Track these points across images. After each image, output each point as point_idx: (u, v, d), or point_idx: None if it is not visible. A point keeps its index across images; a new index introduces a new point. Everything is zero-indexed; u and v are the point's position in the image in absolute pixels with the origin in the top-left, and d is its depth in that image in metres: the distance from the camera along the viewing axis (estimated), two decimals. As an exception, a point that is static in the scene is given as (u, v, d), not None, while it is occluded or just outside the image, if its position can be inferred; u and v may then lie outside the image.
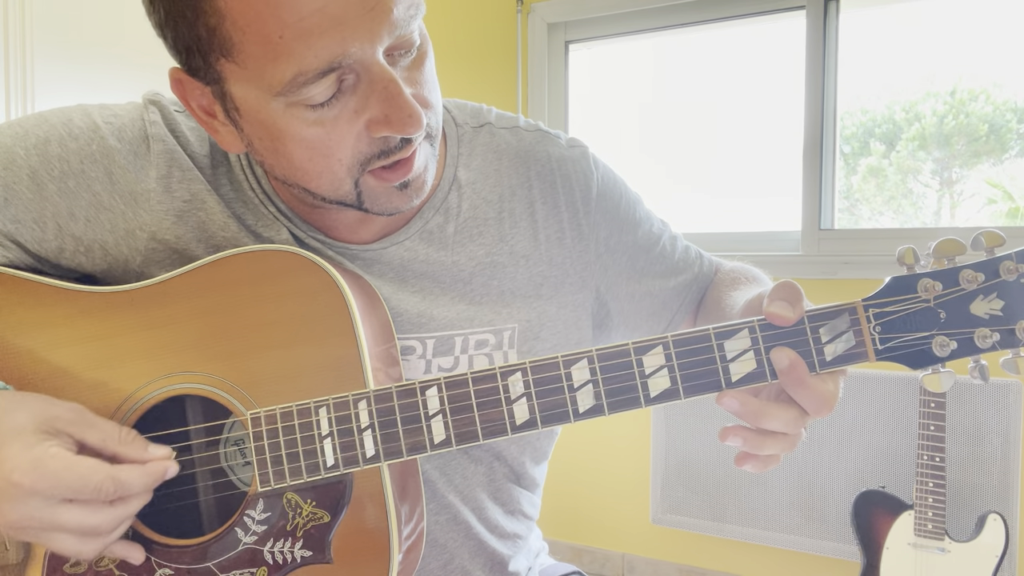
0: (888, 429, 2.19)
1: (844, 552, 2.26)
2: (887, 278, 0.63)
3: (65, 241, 0.73)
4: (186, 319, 0.68)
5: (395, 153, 0.65)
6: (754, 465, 0.64)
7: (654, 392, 0.62)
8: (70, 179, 0.72)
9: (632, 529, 2.65)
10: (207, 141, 0.76)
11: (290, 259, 0.68)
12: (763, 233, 2.53)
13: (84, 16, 2.07)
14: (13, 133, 0.72)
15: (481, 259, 0.80)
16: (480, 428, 0.63)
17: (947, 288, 0.61)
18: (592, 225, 0.84)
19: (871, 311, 0.62)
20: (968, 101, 2.35)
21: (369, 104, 0.62)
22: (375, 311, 0.72)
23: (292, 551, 0.65)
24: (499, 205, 0.82)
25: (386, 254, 0.78)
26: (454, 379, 0.64)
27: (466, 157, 0.82)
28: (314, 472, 0.65)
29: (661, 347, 0.62)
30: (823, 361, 0.62)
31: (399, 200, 0.69)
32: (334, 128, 0.63)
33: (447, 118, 0.84)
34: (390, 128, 0.62)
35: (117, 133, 0.73)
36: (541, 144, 0.85)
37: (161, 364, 0.68)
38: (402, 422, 0.64)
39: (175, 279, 0.70)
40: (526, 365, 0.63)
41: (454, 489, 0.79)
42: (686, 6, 2.56)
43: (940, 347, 0.61)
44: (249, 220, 0.76)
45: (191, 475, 0.71)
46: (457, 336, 0.78)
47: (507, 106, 2.80)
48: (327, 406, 0.65)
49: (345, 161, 0.65)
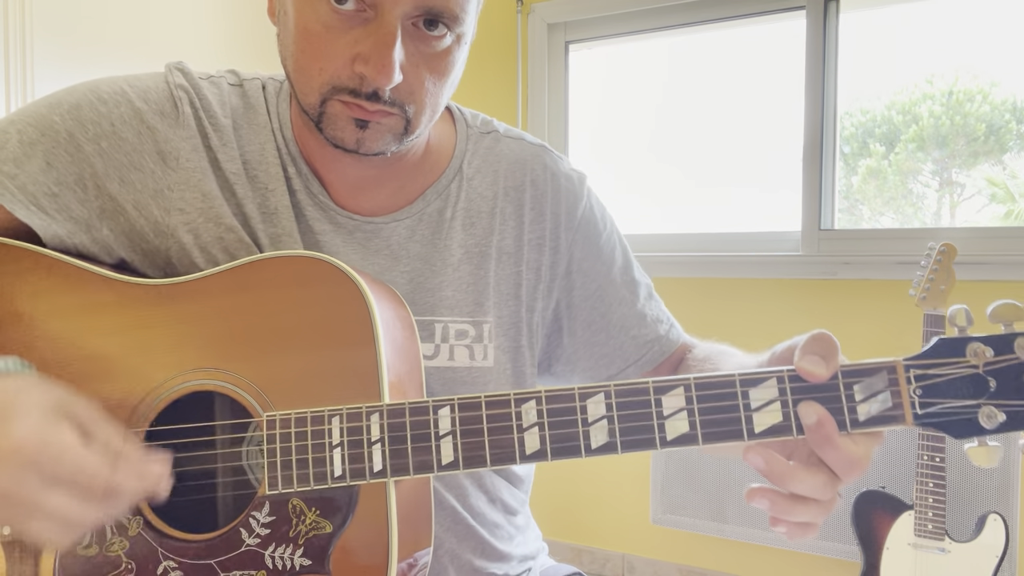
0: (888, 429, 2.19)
1: (844, 552, 2.26)
2: (934, 339, 0.59)
3: (105, 202, 0.76)
4: (215, 317, 0.70)
5: (361, 98, 0.69)
6: (788, 531, 0.60)
7: (671, 435, 0.60)
8: (103, 140, 0.75)
9: (632, 529, 2.65)
10: (228, 105, 0.80)
11: (321, 267, 0.69)
12: (763, 233, 2.53)
13: (84, 16, 2.06)
14: (47, 103, 0.76)
15: (470, 248, 0.83)
16: (489, 454, 0.62)
17: (999, 355, 0.57)
18: (569, 243, 0.87)
19: (912, 372, 0.58)
20: (965, 102, 2.35)
21: (365, 42, 0.68)
22: (401, 324, 0.73)
23: (292, 558, 0.65)
24: (493, 202, 0.85)
25: (386, 229, 0.81)
26: (468, 401, 0.63)
27: (471, 155, 0.87)
28: (321, 480, 0.65)
29: (682, 388, 0.60)
30: (855, 421, 0.58)
31: (349, 135, 0.72)
32: (333, 41, 0.68)
33: (459, 117, 0.89)
34: (366, 68, 0.68)
35: (143, 95, 0.77)
36: (541, 156, 0.89)
37: (187, 359, 0.69)
38: (412, 439, 0.63)
39: (209, 278, 0.71)
40: (541, 394, 0.62)
41: (437, 477, 0.80)
42: (686, 7, 2.56)
43: (987, 418, 0.57)
44: (261, 182, 0.79)
45: (206, 471, 0.71)
46: (437, 323, 0.80)
47: (507, 106, 2.80)
48: (340, 416, 0.65)
49: (324, 73, 0.70)
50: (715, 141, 2.71)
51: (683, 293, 2.52)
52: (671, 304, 0.94)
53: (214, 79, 0.82)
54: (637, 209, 2.84)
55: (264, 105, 0.82)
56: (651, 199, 2.87)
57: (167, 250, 0.77)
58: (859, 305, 2.29)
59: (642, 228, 2.73)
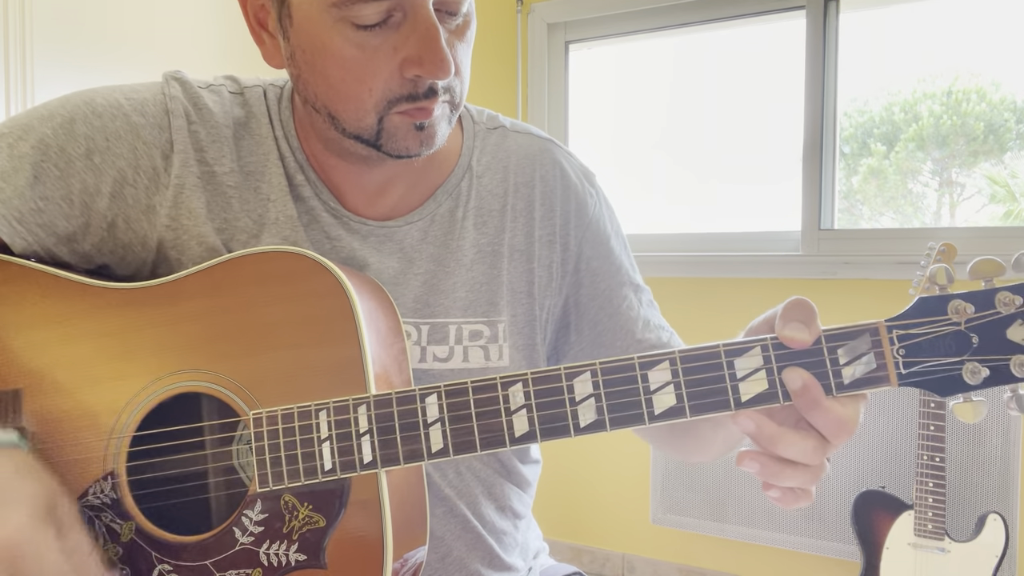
0: (888, 429, 2.19)
1: (844, 552, 2.26)
2: (915, 298, 0.59)
3: (91, 217, 0.74)
4: (195, 318, 0.69)
5: (421, 100, 0.69)
6: (780, 497, 0.60)
7: (659, 409, 0.60)
8: (96, 156, 0.74)
9: (632, 529, 2.65)
10: (230, 115, 0.79)
11: (299, 261, 0.68)
12: (763, 233, 2.53)
13: (84, 16, 2.07)
14: (39, 115, 0.75)
15: (483, 247, 0.82)
16: (478, 438, 0.62)
17: (981, 311, 0.57)
18: (579, 240, 0.86)
19: (895, 332, 0.58)
20: (963, 101, 2.35)
21: (408, 43, 0.67)
22: (384, 314, 0.72)
23: (287, 554, 0.65)
24: (504, 199, 0.84)
25: (399, 232, 0.80)
26: (454, 387, 0.63)
27: (479, 152, 0.86)
28: (312, 475, 0.65)
29: (668, 362, 0.60)
30: (840, 384, 0.58)
31: (413, 141, 0.71)
32: (373, 56, 0.67)
33: (465, 114, 0.88)
34: (422, 69, 0.67)
35: (140, 109, 0.76)
36: (551, 151, 0.88)
37: (169, 361, 0.69)
38: (400, 429, 0.63)
39: (187, 278, 0.71)
40: (527, 376, 0.62)
41: (448, 483, 0.80)
42: (686, 7, 2.56)
43: (971, 374, 0.57)
44: (263, 193, 0.78)
45: (195, 472, 0.71)
46: (451, 324, 0.80)
47: (507, 106, 2.80)
48: (327, 409, 0.65)
49: (375, 92, 0.69)
50: (715, 140, 2.71)
51: (683, 293, 2.52)
52: (671, 304, 0.94)
53: (214, 87, 0.80)
54: (638, 208, 2.84)
55: (266, 113, 0.80)
56: (652, 198, 2.87)
57: (153, 263, 0.77)
58: (859, 305, 2.29)
59: (643, 228, 2.73)
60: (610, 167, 2.88)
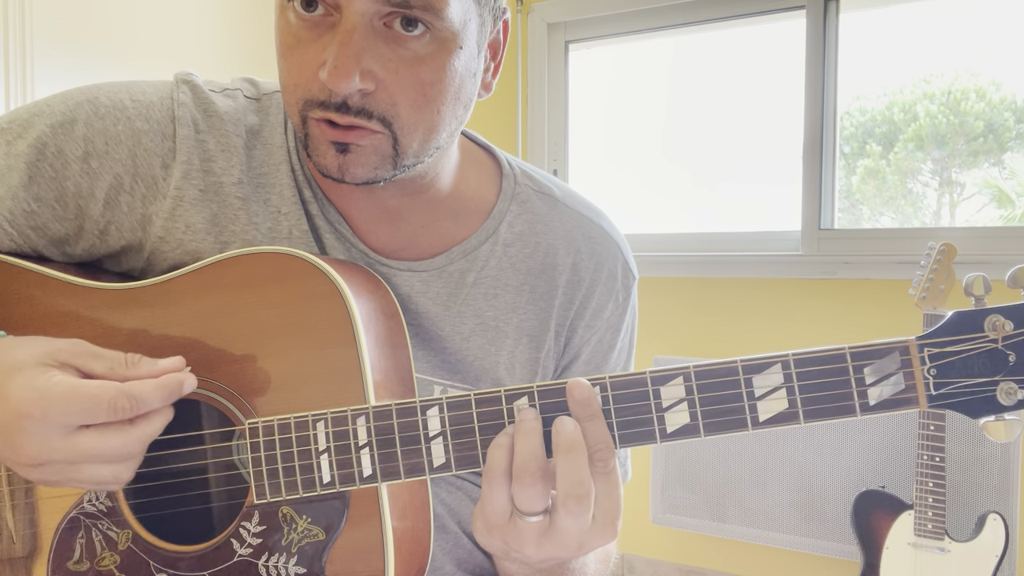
0: (888, 429, 2.19)
1: (844, 552, 2.26)
2: (949, 313, 0.55)
3: (85, 222, 0.72)
4: (188, 321, 0.66)
5: (331, 111, 0.62)
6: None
7: (671, 427, 0.57)
8: (93, 159, 0.70)
9: (632, 529, 2.65)
10: (242, 123, 0.75)
11: (294, 263, 0.65)
12: (763, 233, 2.53)
13: (84, 15, 2.07)
14: (39, 111, 0.71)
15: (487, 321, 0.77)
16: (482, 454, 0.59)
17: (1020, 327, 0.53)
18: (581, 341, 0.81)
19: (926, 351, 0.54)
20: (962, 100, 2.35)
21: (328, 45, 0.61)
22: (386, 317, 0.70)
23: (286, 567, 0.64)
24: (524, 276, 0.78)
25: (400, 276, 0.75)
26: (457, 400, 0.60)
27: (513, 216, 0.79)
28: (310, 488, 0.62)
29: (682, 378, 0.57)
30: (865, 405, 0.55)
31: (331, 161, 0.65)
32: (304, 50, 0.63)
33: (508, 172, 0.81)
34: (323, 70, 0.60)
35: (144, 113, 0.72)
36: (596, 240, 0.81)
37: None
38: (401, 442, 0.60)
39: (179, 279, 0.68)
40: (533, 389, 0.59)
41: (440, 500, 0.78)
42: (685, 6, 2.56)
43: (1006, 395, 0.53)
44: (273, 205, 0.74)
45: (192, 481, 0.70)
46: (437, 385, 0.76)
47: (507, 106, 2.80)
48: (325, 420, 0.62)
49: (299, 88, 0.64)
50: (715, 139, 2.71)
51: (683, 293, 2.52)
52: (671, 304, 0.94)
53: (229, 91, 0.76)
54: (638, 208, 2.84)
55: (283, 123, 0.76)
56: (651, 198, 2.87)
57: (145, 268, 0.74)
58: (859, 305, 2.29)
59: (643, 228, 2.73)
60: (610, 166, 2.88)
